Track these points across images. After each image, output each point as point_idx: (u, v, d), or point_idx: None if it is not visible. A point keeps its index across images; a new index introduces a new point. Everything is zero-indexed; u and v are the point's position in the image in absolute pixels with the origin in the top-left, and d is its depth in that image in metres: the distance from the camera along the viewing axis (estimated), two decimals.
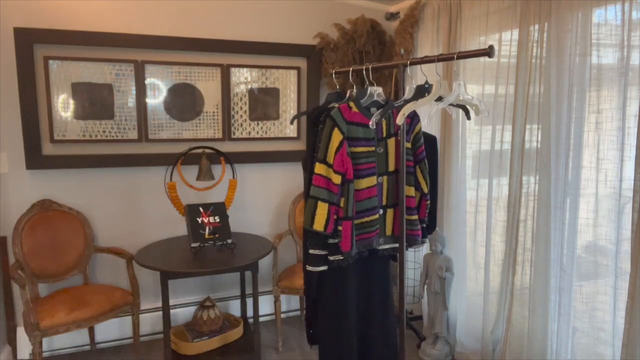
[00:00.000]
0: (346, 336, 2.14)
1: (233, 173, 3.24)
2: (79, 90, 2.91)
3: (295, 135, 3.48)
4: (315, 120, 2.04)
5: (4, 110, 2.80)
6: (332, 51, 3.37)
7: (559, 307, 2.25)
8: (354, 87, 2.11)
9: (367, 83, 2.03)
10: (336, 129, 1.91)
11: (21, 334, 2.86)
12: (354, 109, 1.97)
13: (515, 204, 2.44)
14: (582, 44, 2.08)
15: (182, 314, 3.27)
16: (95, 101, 2.95)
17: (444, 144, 2.95)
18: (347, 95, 2.12)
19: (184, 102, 3.15)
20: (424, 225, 2.19)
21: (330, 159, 1.91)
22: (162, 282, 2.59)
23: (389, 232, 2.10)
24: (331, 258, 1.99)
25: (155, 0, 3.02)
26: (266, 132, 3.39)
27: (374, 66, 2.04)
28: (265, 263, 3.33)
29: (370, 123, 1.87)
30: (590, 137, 2.10)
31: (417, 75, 3.16)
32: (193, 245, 2.81)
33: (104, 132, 3.00)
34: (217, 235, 2.91)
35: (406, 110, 1.82)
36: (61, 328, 2.53)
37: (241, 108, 3.30)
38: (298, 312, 3.64)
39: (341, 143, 1.90)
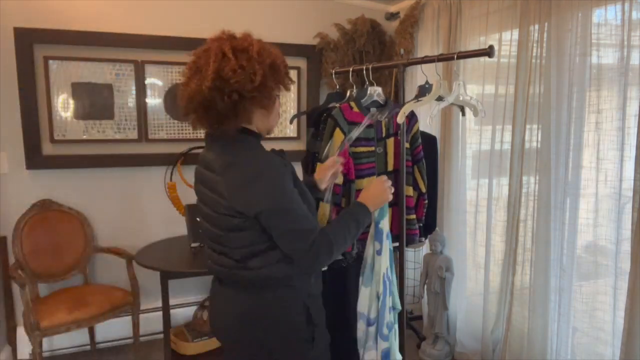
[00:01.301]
0: (346, 336, 2.14)
1: None
2: (79, 90, 2.91)
3: (295, 135, 3.48)
4: (317, 120, 2.04)
5: (4, 110, 2.80)
6: (332, 51, 3.37)
7: (559, 307, 2.25)
8: (354, 87, 2.11)
9: (367, 83, 2.03)
10: (338, 129, 1.91)
11: (21, 334, 2.85)
12: (355, 109, 1.97)
13: (515, 204, 2.44)
14: (582, 44, 2.08)
15: (182, 314, 3.27)
16: (95, 101, 2.95)
17: (444, 144, 2.95)
18: (347, 95, 2.12)
19: None
20: (422, 225, 2.19)
21: None
22: (162, 282, 2.59)
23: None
24: None
25: (155, 1, 3.02)
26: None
27: (374, 66, 2.04)
28: None
29: (364, 120, 1.84)
30: (590, 137, 2.10)
31: (417, 75, 3.16)
32: (193, 245, 2.81)
33: (104, 132, 3.00)
34: None
35: (406, 109, 1.82)
36: (61, 328, 2.53)
37: None
38: None
39: (342, 143, 1.90)
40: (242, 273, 1.38)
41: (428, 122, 1.92)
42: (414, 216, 2.11)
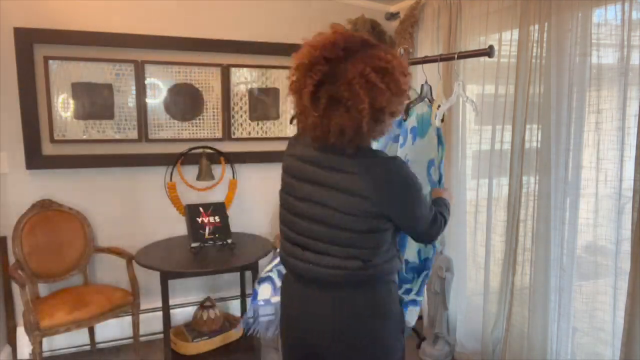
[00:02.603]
0: None
1: (233, 173, 3.24)
2: (79, 90, 2.91)
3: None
4: None
5: (4, 110, 2.80)
6: None
7: (559, 307, 2.25)
8: None
9: None
10: None
11: (21, 334, 2.86)
12: None
13: (515, 204, 2.44)
14: (582, 44, 2.08)
15: (182, 314, 3.27)
16: (95, 101, 2.95)
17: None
18: None
19: (184, 102, 3.15)
20: None
21: None
22: (162, 282, 2.59)
23: None
24: None
25: (155, 0, 3.02)
26: (266, 132, 3.39)
27: None
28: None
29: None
30: (590, 137, 2.10)
31: (417, 75, 3.16)
32: (193, 245, 2.81)
33: (104, 132, 3.00)
34: (217, 235, 2.92)
35: (443, 110, 1.86)
36: (61, 328, 2.53)
37: (241, 108, 3.30)
38: None
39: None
40: (367, 272, 1.39)
41: (437, 123, 1.93)
42: None
